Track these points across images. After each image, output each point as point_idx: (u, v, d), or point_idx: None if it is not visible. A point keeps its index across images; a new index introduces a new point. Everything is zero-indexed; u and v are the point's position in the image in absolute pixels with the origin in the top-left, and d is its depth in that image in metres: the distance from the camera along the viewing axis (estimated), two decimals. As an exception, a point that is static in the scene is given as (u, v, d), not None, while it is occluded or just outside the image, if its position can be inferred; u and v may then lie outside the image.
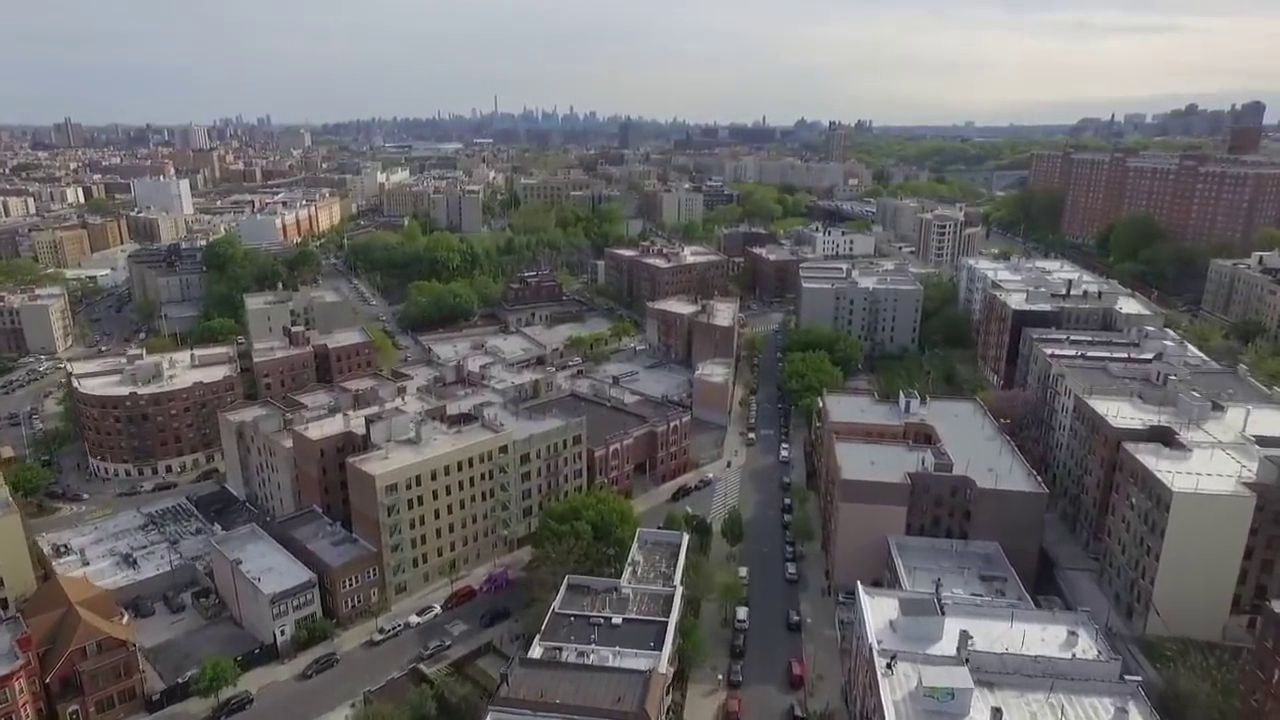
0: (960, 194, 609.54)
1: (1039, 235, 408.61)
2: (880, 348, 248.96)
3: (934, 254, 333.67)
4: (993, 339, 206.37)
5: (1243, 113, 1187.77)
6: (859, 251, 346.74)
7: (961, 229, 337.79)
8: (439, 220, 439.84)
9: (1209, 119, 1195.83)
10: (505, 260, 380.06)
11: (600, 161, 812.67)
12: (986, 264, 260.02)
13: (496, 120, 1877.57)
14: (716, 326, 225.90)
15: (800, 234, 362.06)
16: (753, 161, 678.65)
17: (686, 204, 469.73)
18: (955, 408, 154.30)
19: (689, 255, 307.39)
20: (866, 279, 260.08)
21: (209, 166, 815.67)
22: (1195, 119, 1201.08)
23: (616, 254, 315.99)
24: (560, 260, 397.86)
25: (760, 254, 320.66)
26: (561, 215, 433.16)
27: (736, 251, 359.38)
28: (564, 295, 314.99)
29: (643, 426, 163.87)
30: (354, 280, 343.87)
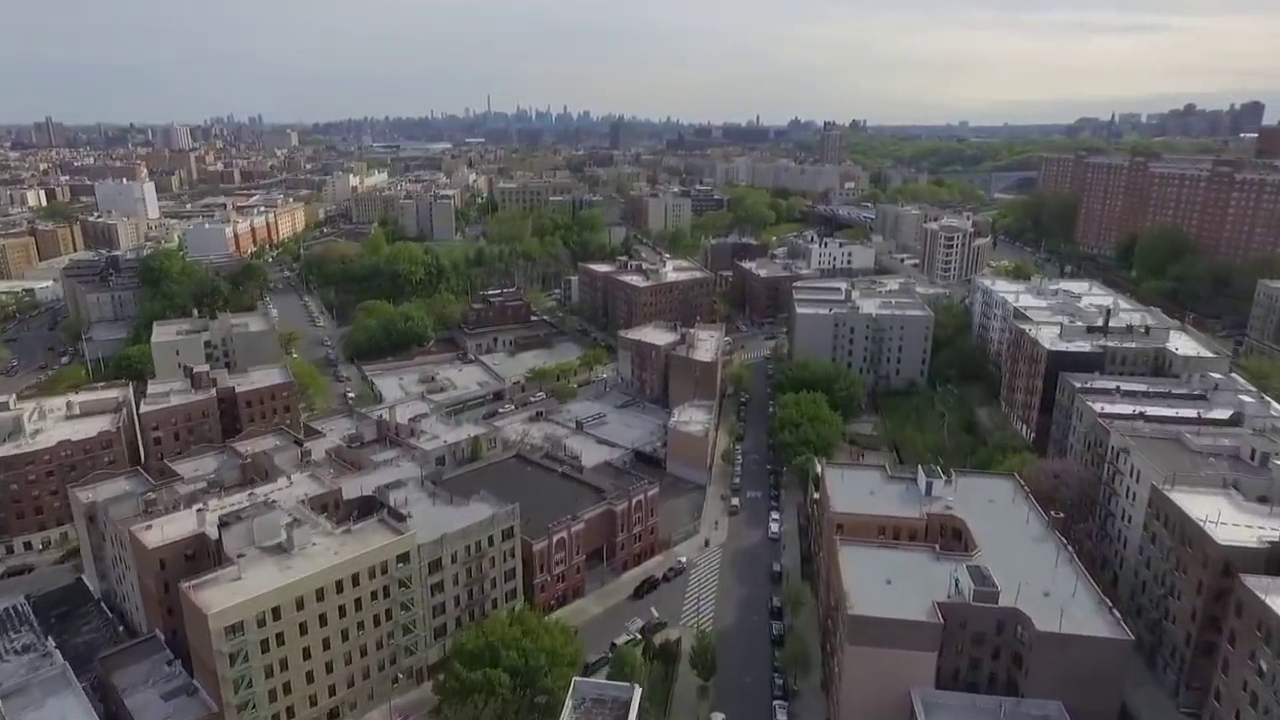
0: (960, 197, 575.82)
1: (1050, 244, 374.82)
2: (885, 381, 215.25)
3: (940, 268, 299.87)
4: (1021, 381, 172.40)
5: (1241, 113, 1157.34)
6: (858, 265, 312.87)
7: (970, 240, 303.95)
8: (408, 228, 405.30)
9: (1208, 119, 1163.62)
10: (475, 273, 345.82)
11: (588, 163, 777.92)
12: (1005, 286, 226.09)
13: (490, 120, 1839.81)
14: (697, 362, 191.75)
15: (794, 245, 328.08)
16: (745, 163, 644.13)
17: (674, 210, 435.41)
18: (988, 487, 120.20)
19: (671, 271, 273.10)
20: (868, 302, 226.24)
21: (185, 167, 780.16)
22: (1194, 119, 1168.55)
23: (591, 270, 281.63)
24: (536, 273, 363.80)
25: (750, 269, 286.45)
26: (539, 222, 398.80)
27: (725, 264, 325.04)
28: (533, 316, 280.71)
29: (598, 505, 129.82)
30: (305, 297, 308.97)
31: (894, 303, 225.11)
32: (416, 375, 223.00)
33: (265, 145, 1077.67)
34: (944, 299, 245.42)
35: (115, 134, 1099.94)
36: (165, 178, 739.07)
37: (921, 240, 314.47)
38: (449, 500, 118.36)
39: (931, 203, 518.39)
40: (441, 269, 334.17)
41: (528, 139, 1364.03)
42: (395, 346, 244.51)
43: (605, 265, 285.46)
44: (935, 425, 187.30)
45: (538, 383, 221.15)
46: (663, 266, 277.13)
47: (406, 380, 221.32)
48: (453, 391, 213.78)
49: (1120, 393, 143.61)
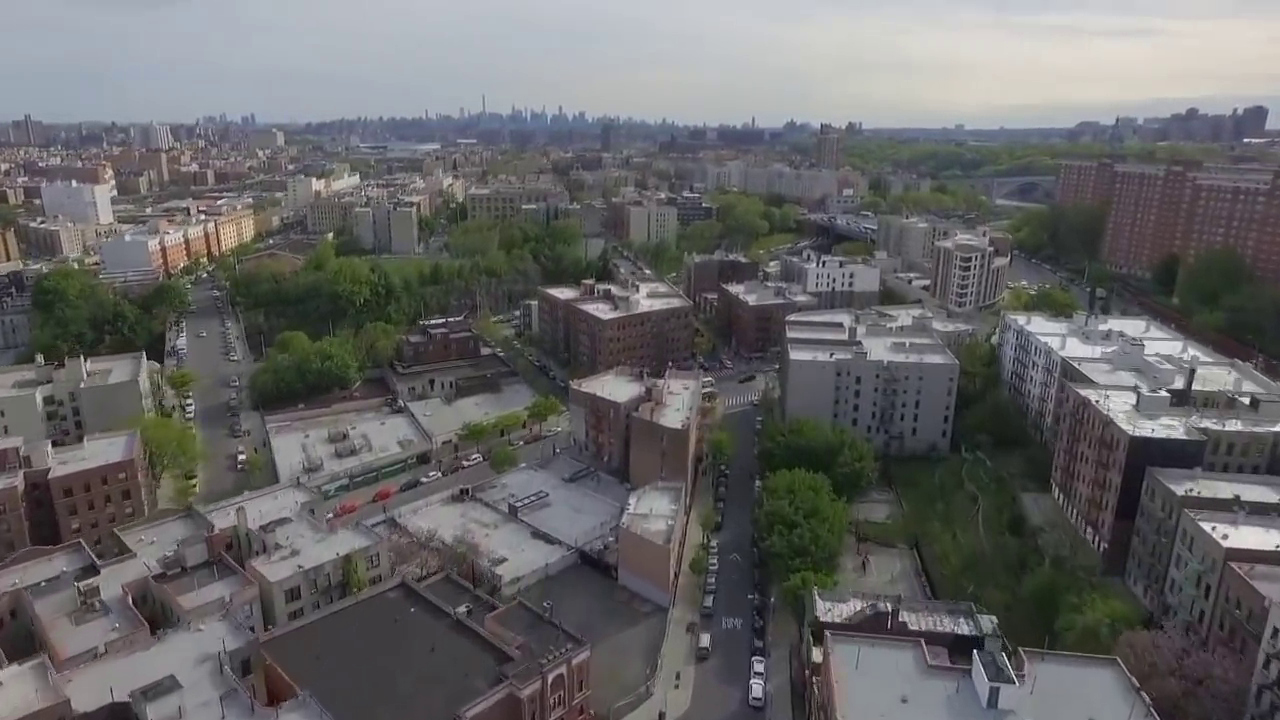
0: (964, 205, 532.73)
1: (1072, 261, 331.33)
2: (898, 443, 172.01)
3: (955, 293, 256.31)
4: (1084, 468, 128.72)
5: (1245, 117, 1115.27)
6: (860, 287, 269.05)
7: (989, 261, 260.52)
8: (364, 239, 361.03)
9: (1210, 123, 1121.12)
10: (430, 292, 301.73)
11: (575, 165, 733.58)
12: (1042, 326, 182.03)
13: (484, 120, 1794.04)
14: (665, 429, 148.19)
15: (788, 264, 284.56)
16: (737, 167, 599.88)
17: (658, 219, 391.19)
18: (1079, 686, 76.75)
19: (644, 299, 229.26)
20: (876, 342, 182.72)
21: (156, 168, 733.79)
22: (1197, 123, 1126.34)
23: (550, 296, 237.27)
24: (502, 291, 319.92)
25: (737, 295, 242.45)
26: (508, 233, 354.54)
27: (711, 284, 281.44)
28: (485, 348, 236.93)
29: (494, 692, 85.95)
30: (229, 323, 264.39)
31: (908, 344, 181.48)
32: (327, 431, 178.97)
33: (249, 145, 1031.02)
34: (966, 336, 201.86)
35: (91, 132, 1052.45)
36: (133, 179, 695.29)
37: (933, 260, 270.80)
38: (249, 712, 74.57)
39: (936, 212, 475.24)
40: (390, 288, 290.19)
41: (520, 140, 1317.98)
42: (312, 390, 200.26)
43: (568, 290, 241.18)
44: (966, 512, 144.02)
45: (474, 441, 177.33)
46: (634, 293, 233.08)
47: (314, 438, 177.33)
48: (366, 455, 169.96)
49: (1239, 506, 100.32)
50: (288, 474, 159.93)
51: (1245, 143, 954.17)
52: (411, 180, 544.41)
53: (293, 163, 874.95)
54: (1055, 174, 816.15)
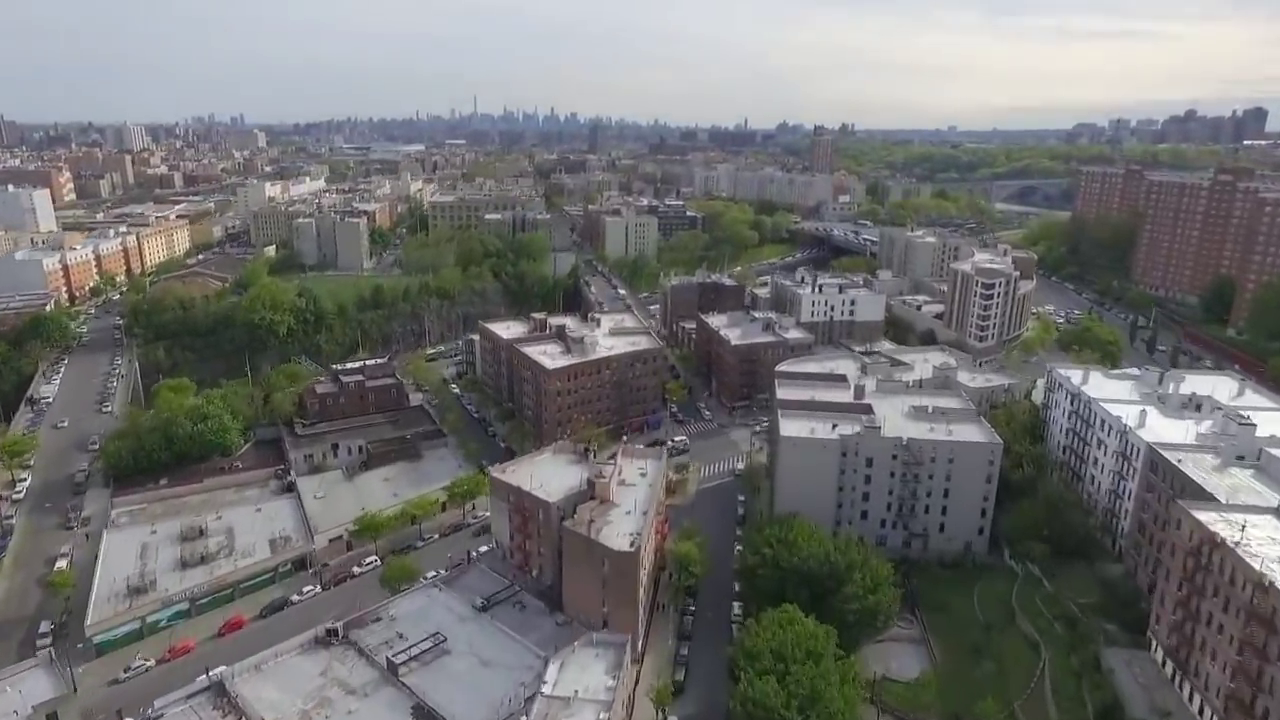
0: (968, 212, 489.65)
1: (1098, 280, 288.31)
2: (921, 543, 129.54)
3: (975, 325, 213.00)
4: (1220, 642, 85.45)
5: (1244, 119, 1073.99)
6: (864, 316, 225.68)
7: (1014, 287, 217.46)
8: (305, 254, 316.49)
9: (1209, 125, 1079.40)
10: (371, 318, 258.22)
11: (558, 168, 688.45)
12: (1103, 387, 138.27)
13: (476, 121, 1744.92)
14: (608, 551, 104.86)
15: (779, 289, 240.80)
16: (727, 171, 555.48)
17: (637, 230, 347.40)
18: None
19: (605, 336, 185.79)
20: (890, 404, 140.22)
21: (120, 170, 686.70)
22: (1195, 125, 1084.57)
23: (492, 334, 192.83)
24: (456, 315, 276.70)
25: (718, 331, 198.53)
26: (467, 248, 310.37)
27: (690, 310, 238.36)
28: (419, 392, 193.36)
29: None
30: (120, 360, 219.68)
31: (930, 409, 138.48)
32: (180, 526, 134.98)
33: (227, 146, 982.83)
34: (1001, 393, 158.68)
35: (60, 133, 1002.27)
36: (93, 182, 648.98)
37: (948, 285, 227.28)
38: None
39: (939, 221, 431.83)
40: (321, 314, 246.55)
41: (510, 141, 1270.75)
42: (182, 460, 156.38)
43: (515, 325, 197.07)
44: (1025, 669, 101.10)
45: (370, 537, 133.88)
46: (593, 329, 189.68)
47: (161, 534, 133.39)
48: (223, 562, 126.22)
49: None
50: (107, 594, 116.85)
51: (1246, 145, 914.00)
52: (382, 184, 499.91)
53: (271, 164, 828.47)
54: (1055, 176, 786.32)
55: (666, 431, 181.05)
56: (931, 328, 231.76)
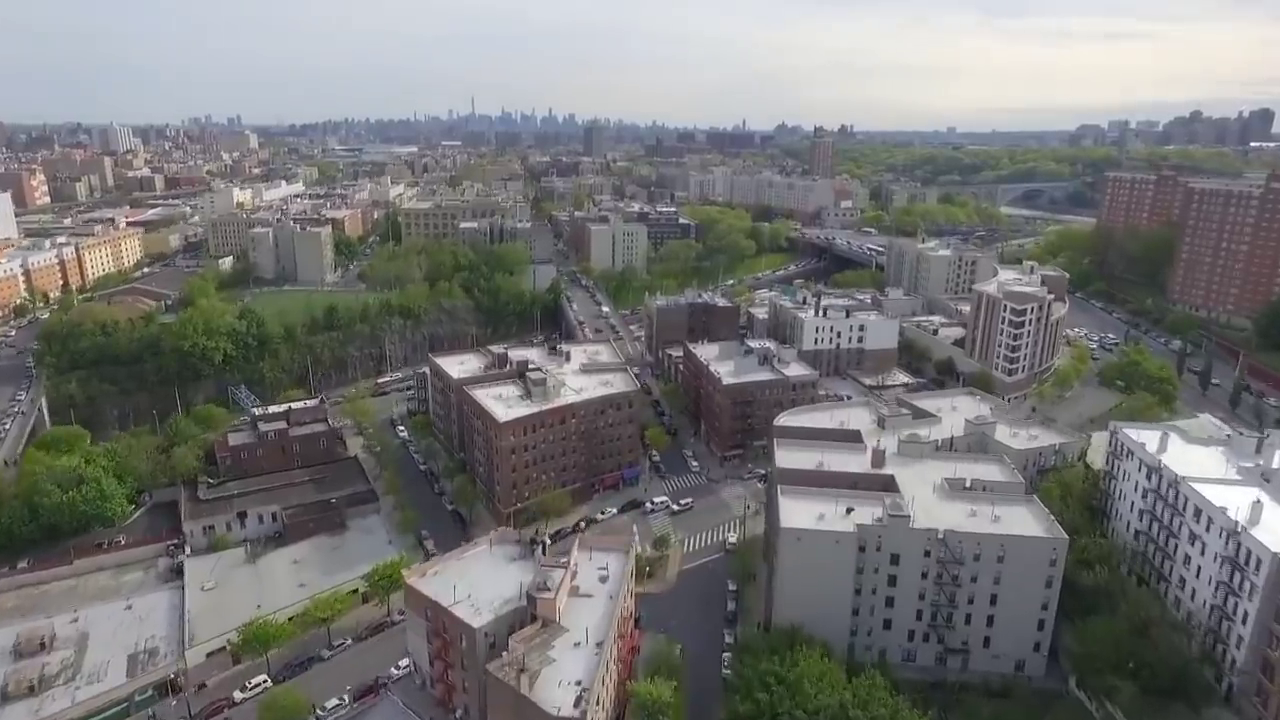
0: (977, 218, 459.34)
1: (1130, 298, 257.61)
2: (962, 663, 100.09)
3: (1004, 357, 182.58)
4: None
5: (1250, 120, 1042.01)
6: (874, 344, 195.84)
7: (1048, 313, 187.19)
8: (262, 266, 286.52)
9: (1214, 126, 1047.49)
10: (323, 342, 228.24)
11: (551, 170, 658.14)
12: (1189, 459, 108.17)
13: (473, 122, 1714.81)
14: (543, 716, 74.70)
15: (778, 311, 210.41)
16: (723, 175, 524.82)
17: (625, 240, 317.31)
18: None
19: (574, 374, 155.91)
20: (915, 473, 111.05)
21: (99, 173, 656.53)
22: (1200, 126, 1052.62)
23: (442, 370, 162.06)
24: (421, 337, 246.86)
25: (707, 366, 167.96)
26: (438, 260, 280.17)
27: (679, 334, 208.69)
28: (358, 440, 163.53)
29: None
30: (21, 395, 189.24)
31: (968, 482, 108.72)
32: (18, 635, 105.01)
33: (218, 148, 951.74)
34: (1051, 455, 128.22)
35: (45, 134, 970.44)
36: (70, 184, 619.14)
37: (973, 309, 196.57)
38: None
39: (947, 229, 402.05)
40: (265, 339, 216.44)
41: (506, 142, 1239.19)
42: (54, 533, 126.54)
43: (469, 359, 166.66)
44: None
45: (262, 649, 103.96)
46: (562, 364, 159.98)
47: None
48: (58, 694, 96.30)
49: None
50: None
51: (1254, 147, 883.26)
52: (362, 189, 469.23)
53: (259, 166, 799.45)
54: (1060, 179, 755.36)
55: (646, 488, 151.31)
56: (950, 356, 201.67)
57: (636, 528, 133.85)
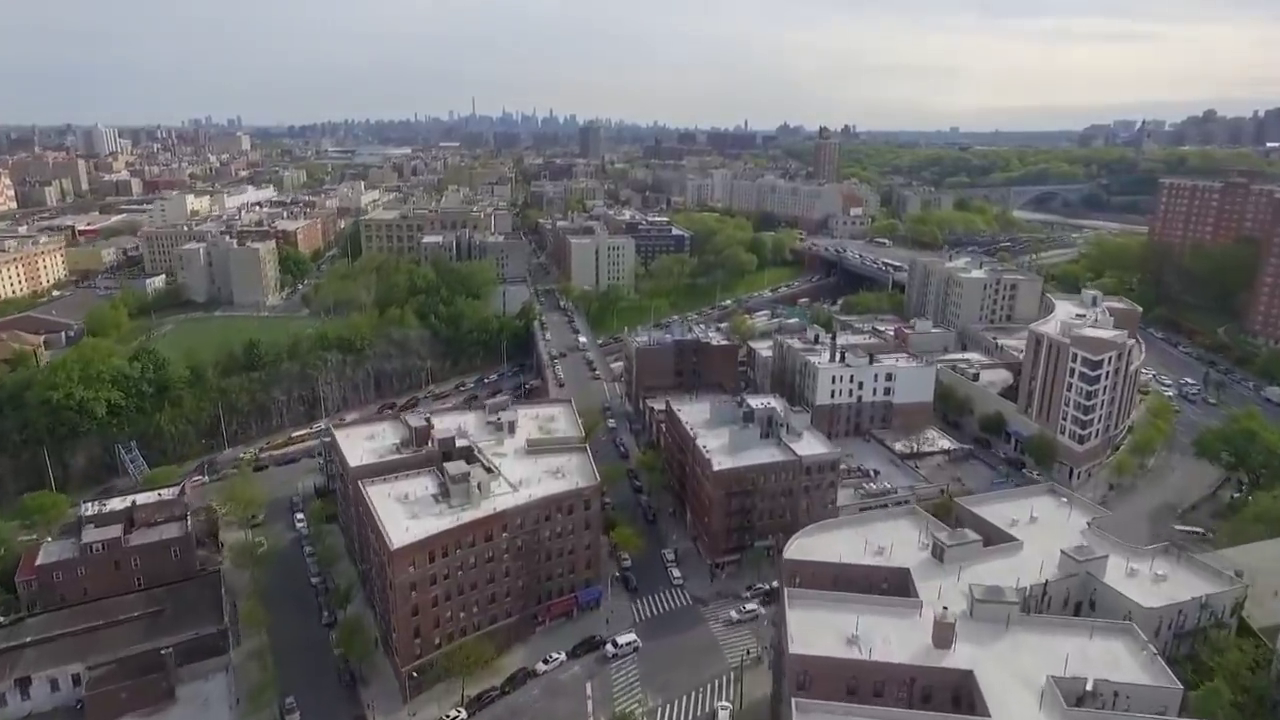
0: (998, 226, 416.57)
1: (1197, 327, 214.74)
2: None
3: (1074, 420, 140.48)
4: None
5: (1266, 120, 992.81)
6: (904, 397, 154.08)
7: (1127, 361, 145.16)
8: (192, 289, 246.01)
9: (1228, 126, 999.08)
10: (238, 385, 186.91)
11: (543, 173, 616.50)
12: None
13: (473, 123, 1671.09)
14: None
15: (786, 354, 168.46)
16: (723, 178, 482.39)
17: (610, 255, 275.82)
18: None
19: (519, 458, 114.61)
20: (1000, 655, 69.31)
21: (72, 176, 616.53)
22: (1214, 126, 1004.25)
23: (339, 449, 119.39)
24: (365, 375, 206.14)
25: (694, 439, 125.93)
26: (391, 281, 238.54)
27: (663, 379, 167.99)
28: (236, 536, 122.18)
29: None
30: None
31: (1090, 682, 67.11)
32: None
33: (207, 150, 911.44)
34: (1195, 611, 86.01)
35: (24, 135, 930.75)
36: (39, 189, 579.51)
37: (1029, 355, 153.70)
38: None
39: (966, 239, 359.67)
40: (166, 384, 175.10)
41: (505, 143, 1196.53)
42: None
43: (381, 430, 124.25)
44: None
45: None
46: (505, 439, 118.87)
47: None
48: None
49: None
50: None
51: (1272, 147, 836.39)
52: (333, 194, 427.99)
53: (249, 168, 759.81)
54: (1075, 181, 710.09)
55: (609, 617, 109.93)
56: (998, 410, 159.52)
57: (591, 690, 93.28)
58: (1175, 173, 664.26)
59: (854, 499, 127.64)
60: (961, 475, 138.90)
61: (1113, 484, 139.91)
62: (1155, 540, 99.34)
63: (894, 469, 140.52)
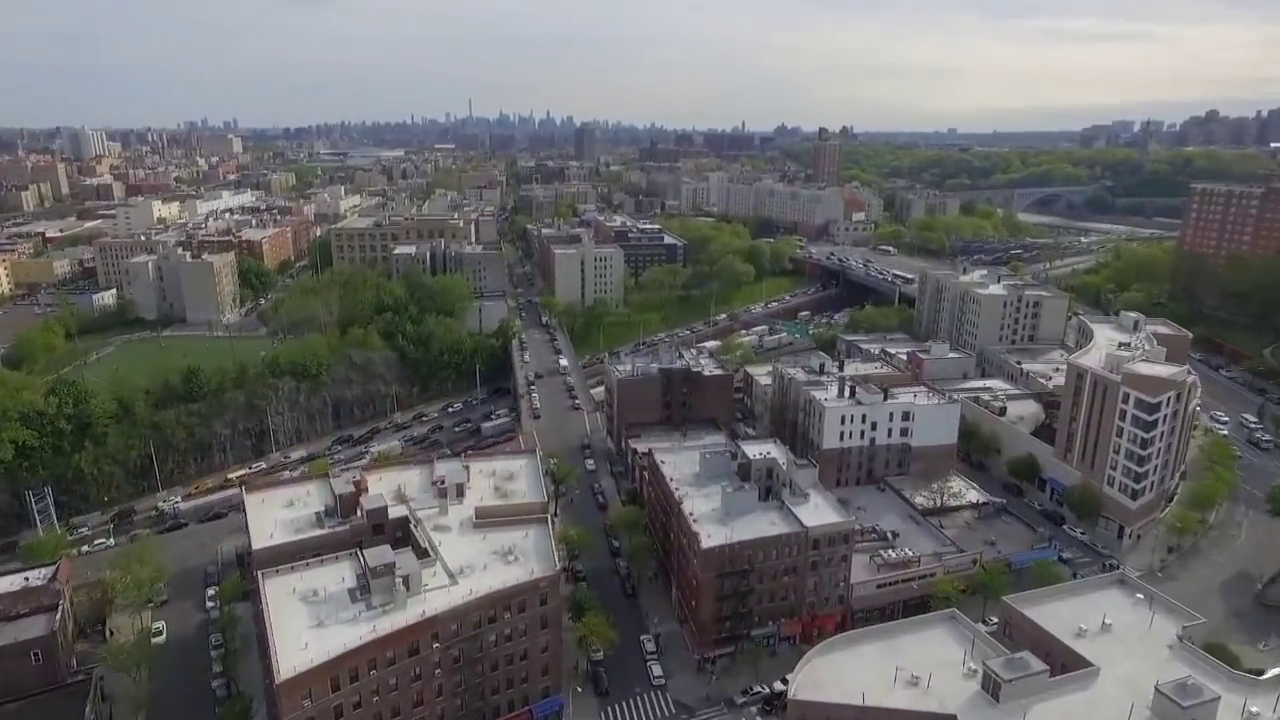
0: (1006, 231, 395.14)
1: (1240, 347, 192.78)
2: None
3: (1125, 470, 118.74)
4: None
5: (1270, 120, 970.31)
6: (924, 439, 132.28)
7: (1186, 401, 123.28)
8: (142, 306, 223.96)
9: (1231, 126, 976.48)
10: (176, 417, 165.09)
11: (535, 176, 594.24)
12: None
13: (469, 125, 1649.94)
14: None
15: (787, 387, 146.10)
16: (719, 182, 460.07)
17: (598, 266, 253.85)
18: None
19: (464, 529, 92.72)
20: None
21: (51, 180, 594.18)
22: (1217, 126, 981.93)
23: (247, 521, 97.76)
24: (321, 401, 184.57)
25: (680, 504, 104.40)
26: (358, 298, 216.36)
27: (648, 413, 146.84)
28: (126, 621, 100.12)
29: None
30: None
31: None
32: None
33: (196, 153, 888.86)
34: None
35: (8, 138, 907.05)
36: (15, 193, 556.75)
37: (1070, 393, 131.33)
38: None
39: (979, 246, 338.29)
40: (88, 421, 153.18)
41: (501, 145, 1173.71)
42: None
43: (305, 495, 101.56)
44: None
45: None
46: (453, 501, 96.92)
47: None
48: None
49: None
50: None
51: (1277, 147, 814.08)
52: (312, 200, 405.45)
53: (237, 171, 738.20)
54: (1079, 183, 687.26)
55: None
56: (1031, 453, 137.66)
57: None
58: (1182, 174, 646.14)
59: (870, 572, 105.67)
60: (995, 537, 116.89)
61: (1172, 546, 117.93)
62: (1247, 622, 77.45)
63: (914, 528, 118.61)
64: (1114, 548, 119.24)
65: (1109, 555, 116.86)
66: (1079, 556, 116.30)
